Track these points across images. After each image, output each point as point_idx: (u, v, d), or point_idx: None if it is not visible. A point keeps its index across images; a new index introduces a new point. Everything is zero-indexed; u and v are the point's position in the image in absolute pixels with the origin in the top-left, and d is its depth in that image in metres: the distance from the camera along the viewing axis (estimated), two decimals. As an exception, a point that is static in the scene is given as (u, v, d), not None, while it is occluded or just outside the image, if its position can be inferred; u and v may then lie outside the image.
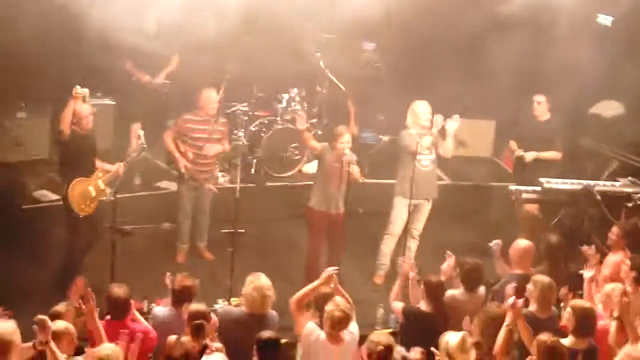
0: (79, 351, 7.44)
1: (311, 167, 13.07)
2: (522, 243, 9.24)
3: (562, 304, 8.53)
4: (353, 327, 7.85)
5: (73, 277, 8.71)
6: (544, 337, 7.29)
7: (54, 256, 10.45)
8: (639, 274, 8.70)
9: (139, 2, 10.69)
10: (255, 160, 13.38)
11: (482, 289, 8.87)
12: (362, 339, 7.75)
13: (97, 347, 7.21)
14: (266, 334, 7.50)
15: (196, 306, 7.82)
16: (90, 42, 11.29)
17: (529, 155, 11.72)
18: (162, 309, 8.31)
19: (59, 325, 7.22)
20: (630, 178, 11.84)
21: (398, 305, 8.72)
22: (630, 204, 11.36)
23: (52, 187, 11.82)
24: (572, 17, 12.61)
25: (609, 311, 8.13)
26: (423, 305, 8.52)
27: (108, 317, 7.96)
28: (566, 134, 12.75)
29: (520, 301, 7.74)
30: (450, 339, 7.38)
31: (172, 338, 7.41)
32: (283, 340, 7.84)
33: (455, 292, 8.76)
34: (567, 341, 7.59)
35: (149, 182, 12.60)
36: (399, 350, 7.52)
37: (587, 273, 8.89)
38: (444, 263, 9.16)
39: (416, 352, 7.60)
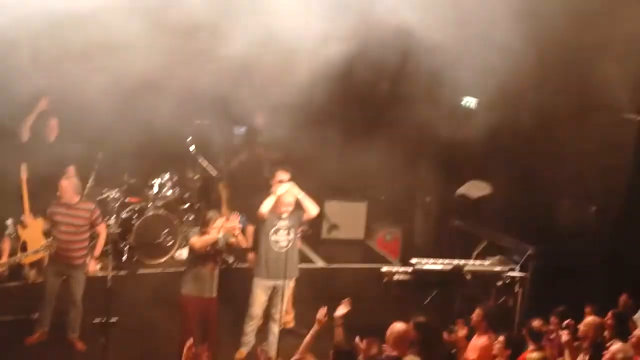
0: None
1: (184, 253, 12.94)
2: (398, 326, 9.19)
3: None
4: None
5: None
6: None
7: None
8: (515, 351, 8.79)
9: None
10: (127, 248, 13.19)
11: None
12: None
13: None
14: None
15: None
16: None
17: None
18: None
19: None
20: (498, 257, 12.05)
21: None
22: (499, 283, 11.59)
23: None
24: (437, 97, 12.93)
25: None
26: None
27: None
28: (436, 214, 12.90)
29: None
30: None
31: None
32: None
33: None
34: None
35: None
36: None
37: None
38: None
39: None
